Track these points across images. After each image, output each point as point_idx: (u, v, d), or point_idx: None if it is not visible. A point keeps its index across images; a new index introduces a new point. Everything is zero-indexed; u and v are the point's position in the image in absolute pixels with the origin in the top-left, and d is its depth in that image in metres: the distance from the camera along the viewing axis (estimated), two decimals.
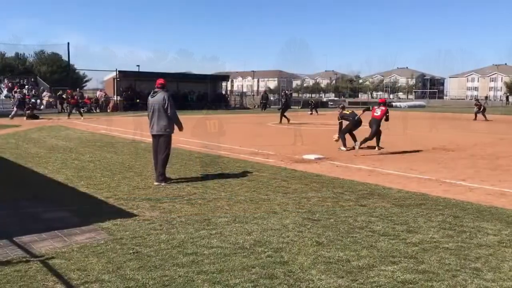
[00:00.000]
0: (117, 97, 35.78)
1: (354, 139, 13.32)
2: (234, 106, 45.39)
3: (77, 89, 29.94)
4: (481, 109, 29.77)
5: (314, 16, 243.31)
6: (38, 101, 32.16)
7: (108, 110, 34.88)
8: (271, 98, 52.63)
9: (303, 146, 13.84)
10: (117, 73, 36.23)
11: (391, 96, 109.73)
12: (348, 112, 13.88)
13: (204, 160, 10.80)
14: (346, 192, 7.48)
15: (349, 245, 4.90)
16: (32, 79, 38.97)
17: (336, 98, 67.64)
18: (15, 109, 26.17)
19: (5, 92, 33.59)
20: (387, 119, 13.06)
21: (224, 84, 47.64)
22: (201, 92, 41.81)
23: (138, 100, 32.56)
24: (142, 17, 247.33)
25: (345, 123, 13.71)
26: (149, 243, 4.90)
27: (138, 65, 47.42)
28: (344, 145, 13.15)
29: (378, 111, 13.03)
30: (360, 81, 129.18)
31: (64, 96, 32.47)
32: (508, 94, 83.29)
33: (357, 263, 4.38)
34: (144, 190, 7.50)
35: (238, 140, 15.17)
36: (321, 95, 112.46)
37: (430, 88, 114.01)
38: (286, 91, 30.05)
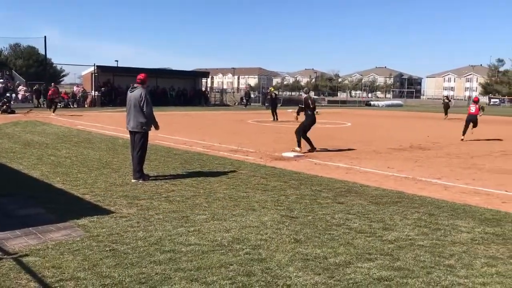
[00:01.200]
0: (95, 92, 35.30)
1: (310, 143, 12.02)
2: (214, 103, 45.32)
3: (52, 83, 29.20)
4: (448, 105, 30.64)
5: (296, 13, 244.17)
6: (14, 95, 31.46)
7: (86, 106, 34.40)
8: (252, 96, 52.69)
9: (283, 144, 13.89)
10: (95, 68, 35.74)
11: (370, 95, 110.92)
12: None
13: (183, 157, 10.73)
14: (324, 190, 7.54)
15: (326, 242, 4.94)
16: (7, 73, 38.02)
17: (316, 97, 68.02)
18: None
19: None
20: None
21: (204, 80, 47.43)
22: (181, 88, 41.59)
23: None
24: (121, 12, 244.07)
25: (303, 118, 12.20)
26: (126, 240, 4.85)
27: (117, 60, 46.95)
28: (299, 146, 11.90)
29: (473, 108, 15.88)
30: (340, 80, 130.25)
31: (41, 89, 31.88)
32: (491, 95, 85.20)
33: (334, 260, 4.42)
34: (121, 187, 7.42)
35: (217, 137, 15.13)
36: (300, 93, 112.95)
37: (407, 87, 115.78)
38: (272, 88, 30.55)
